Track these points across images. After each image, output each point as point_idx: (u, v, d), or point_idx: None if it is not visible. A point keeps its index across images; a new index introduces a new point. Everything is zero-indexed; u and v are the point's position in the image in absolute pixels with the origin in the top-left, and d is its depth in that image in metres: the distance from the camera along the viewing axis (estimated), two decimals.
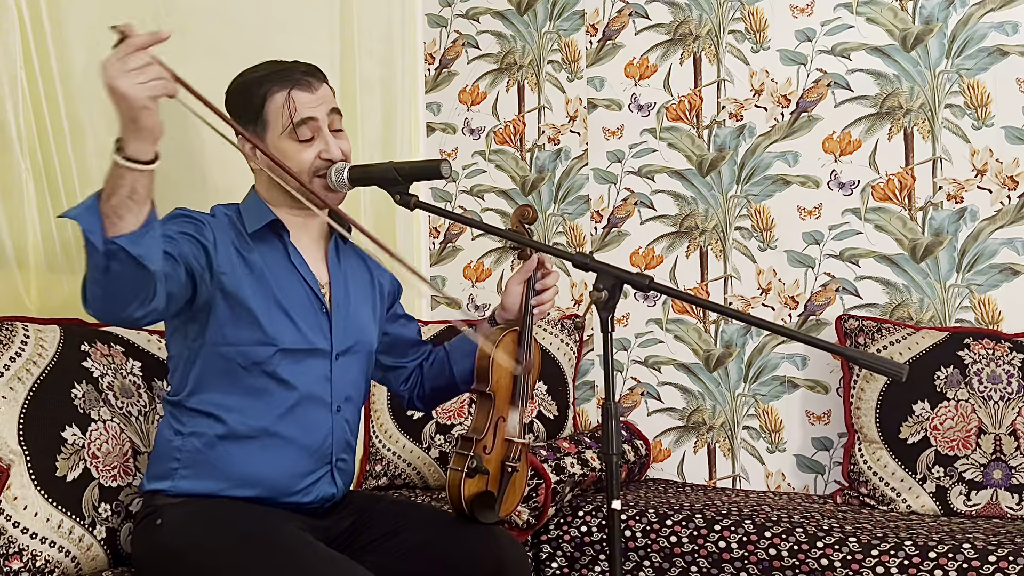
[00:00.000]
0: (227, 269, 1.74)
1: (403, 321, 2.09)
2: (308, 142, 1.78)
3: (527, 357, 1.92)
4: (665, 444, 3.00)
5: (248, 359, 1.74)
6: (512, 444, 1.90)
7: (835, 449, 2.77)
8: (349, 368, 1.87)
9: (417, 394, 2.08)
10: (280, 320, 1.76)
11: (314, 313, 1.82)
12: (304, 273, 1.83)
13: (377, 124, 3.11)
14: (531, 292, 1.93)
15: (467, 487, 1.82)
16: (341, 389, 1.85)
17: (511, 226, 1.98)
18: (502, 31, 3.27)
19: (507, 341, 1.92)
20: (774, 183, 2.86)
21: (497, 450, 1.88)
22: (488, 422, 1.88)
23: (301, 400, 1.79)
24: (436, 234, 3.38)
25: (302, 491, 1.79)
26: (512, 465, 1.89)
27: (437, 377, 2.03)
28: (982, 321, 2.62)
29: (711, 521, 2.35)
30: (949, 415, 2.45)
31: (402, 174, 1.70)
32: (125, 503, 1.96)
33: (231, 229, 1.80)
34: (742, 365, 2.89)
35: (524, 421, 1.95)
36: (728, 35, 2.93)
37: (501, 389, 1.91)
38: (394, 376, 2.08)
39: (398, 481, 2.84)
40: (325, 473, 1.83)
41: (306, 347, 1.79)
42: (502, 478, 1.89)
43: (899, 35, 2.72)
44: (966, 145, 2.64)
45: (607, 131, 3.10)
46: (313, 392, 1.80)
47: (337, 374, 1.84)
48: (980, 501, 2.40)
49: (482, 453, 1.85)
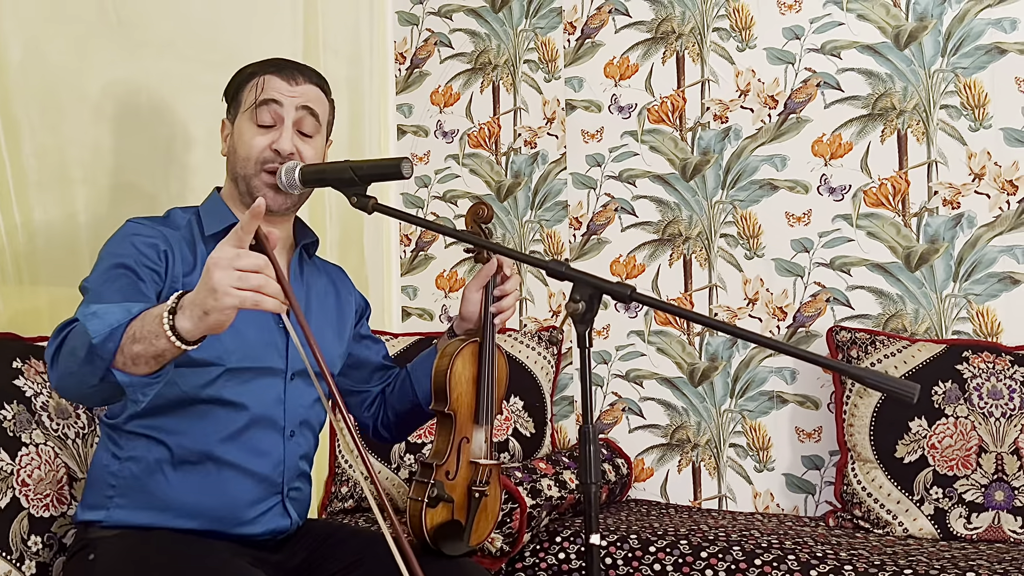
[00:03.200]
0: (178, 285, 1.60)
1: (368, 343, 1.94)
2: (265, 128, 1.67)
3: (490, 370, 1.77)
4: (648, 463, 2.86)
5: (190, 382, 1.60)
6: (478, 467, 1.75)
7: (826, 468, 2.64)
8: (303, 390, 1.72)
9: (382, 421, 1.93)
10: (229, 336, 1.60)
11: (269, 329, 1.68)
12: None
13: (343, 126, 2.96)
14: (490, 298, 1.79)
15: (429, 518, 1.67)
16: (296, 412, 1.70)
17: (465, 226, 1.83)
18: (476, 29, 3.14)
19: (466, 353, 1.77)
20: (761, 188, 2.74)
21: (462, 474, 1.74)
22: (450, 445, 1.73)
23: (251, 423, 1.64)
24: (407, 242, 3.24)
25: (249, 523, 1.64)
26: (480, 490, 1.74)
27: (400, 401, 1.89)
28: (980, 333, 2.50)
29: (697, 548, 2.20)
30: (948, 433, 2.32)
31: (359, 174, 1.56)
32: (58, 535, 1.80)
33: (187, 235, 1.67)
34: (728, 379, 2.76)
35: (492, 440, 1.80)
36: (712, 33, 2.81)
37: (462, 407, 1.76)
38: (356, 401, 1.94)
39: (365, 503, 2.68)
40: (276, 504, 1.68)
41: (256, 366, 1.65)
42: (470, 505, 1.74)
43: (892, 32, 2.61)
44: (963, 148, 2.53)
45: (586, 134, 2.97)
46: (265, 414, 1.65)
47: (292, 396, 1.69)
48: (981, 524, 2.27)
49: (444, 479, 1.71)
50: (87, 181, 2.13)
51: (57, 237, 2.07)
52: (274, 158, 1.66)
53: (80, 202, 2.11)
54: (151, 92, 2.20)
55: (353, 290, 1.93)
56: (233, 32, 2.49)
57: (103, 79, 2.15)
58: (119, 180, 2.12)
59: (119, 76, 1.97)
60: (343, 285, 1.90)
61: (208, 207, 1.73)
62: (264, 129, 1.67)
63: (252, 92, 1.68)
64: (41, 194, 2.05)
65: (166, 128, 2.26)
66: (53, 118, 2.07)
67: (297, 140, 1.68)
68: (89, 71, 2.14)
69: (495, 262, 1.79)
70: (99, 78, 2.15)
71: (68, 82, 2.11)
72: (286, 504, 1.69)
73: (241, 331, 1.62)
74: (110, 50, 2.11)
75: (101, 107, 2.13)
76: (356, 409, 1.94)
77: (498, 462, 1.80)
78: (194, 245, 1.66)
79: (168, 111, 2.27)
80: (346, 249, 2.93)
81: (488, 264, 1.80)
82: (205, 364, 1.59)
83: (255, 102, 1.66)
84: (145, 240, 1.60)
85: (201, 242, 1.67)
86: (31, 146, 2.06)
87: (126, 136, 2.17)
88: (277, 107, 1.67)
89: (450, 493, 1.70)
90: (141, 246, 1.58)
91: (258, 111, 1.66)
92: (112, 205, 2.10)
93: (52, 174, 2.08)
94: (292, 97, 1.68)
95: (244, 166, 1.67)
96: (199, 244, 1.66)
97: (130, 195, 2.00)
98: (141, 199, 2.16)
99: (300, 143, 1.68)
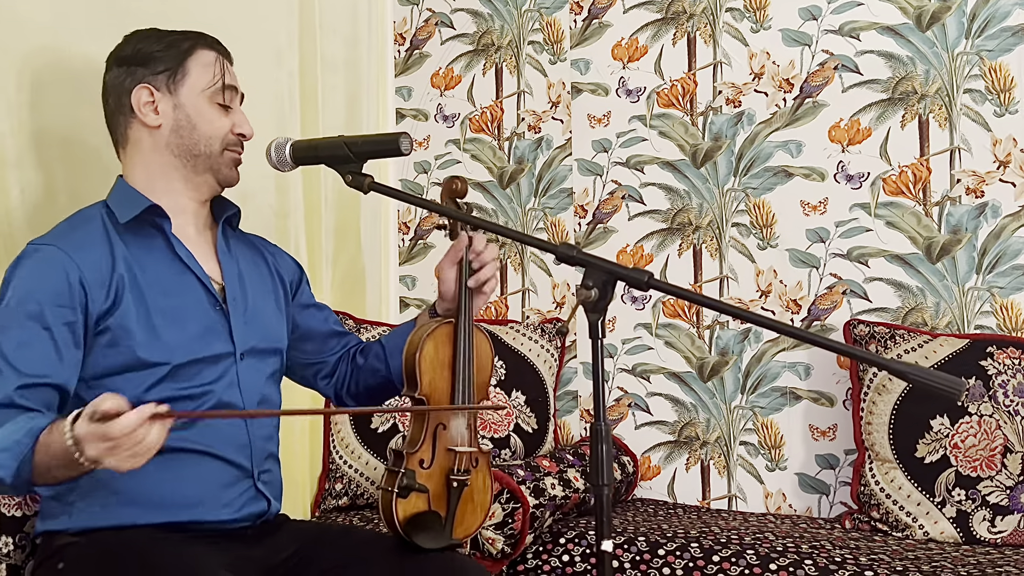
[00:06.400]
0: (104, 304, 1.52)
1: (313, 310, 1.88)
2: (225, 109, 1.68)
3: (467, 351, 1.67)
4: (654, 460, 2.76)
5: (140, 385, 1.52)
6: (457, 455, 1.65)
7: (841, 468, 2.53)
8: (258, 368, 1.67)
9: (348, 391, 1.86)
10: (170, 333, 1.56)
11: (208, 313, 1.62)
12: (193, 267, 1.63)
13: (340, 109, 2.85)
14: (467, 273, 1.69)
15: (401, 509, 1.60)
16: (252, 392, 1.65)
17: (440, 201, 1.73)
18: (479, 9, 3.04)
19: (439, 334, 1.68)
20: (775, 175, 2.63)
21: (439, 463, 1.65)
22: (424, 431, 1.64)
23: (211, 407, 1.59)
24: (406, 229, 3.13)
25: (225, 506, 1.57)
26: (459, 479, 1.65)
27: (371, 375, 1.82)
28: (1004, 327, 2.39)
29: (709, 551, 2.10)
30: (971, 432, 2.22)
31: (354, 150, 1.48)
32: (31, 535, 1.69)
33: (99, 234, 1.59)
34: (739, 374, 2.66)
35: (476, 426, 1.70)
36: (725, 13, 2.70)
37: (436, 392, 1.68)
38: (313, 373, 1.88)
39: (360, 501, 2.58)
40: (248, 487, 1.62)
41: (204, 355, 1.59)
42: (449, 495, 1.65)
43: (913, 13, 2.51)
44: (987, 134, 2.43)
45: (592, 118, 2.86)
46: (222, 400, 1.59)
47: (245, 377, 1.64)
48: (1006, 528, 2.17)
49: (417, 467, 1.62)
50: (65, 160, 2.01)
51: (38, 219, 1.96)
52: (238, 142, 1.68)
53: (59, 180, 2.00)
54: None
55: (283, 256, 1.87)
56: (225, 10, 2.38)
57: (83, 55, 2.03)
58: (98, 160, 2.00)
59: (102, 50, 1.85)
60: (271, 253, 1.84)
61: (116, 196, 1.66)
62: (225, 110, 1.67)
63: (209, 71, 1.66)
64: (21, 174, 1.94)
65: None
66: (32, 95, 1.95)
67: None
68: (70, 47, 2.02)
69: (464, 236, 1.71)
70: (80, 54, 2.03)
71: (47, 56, 1.99)
72: (259, 487, 1.63)
73: (181, 324, 1.57)
74: (97, 29, 1.99)
75: (83, 83, 2.01)
76: (315, 382, 1.89)
77: (479, 449, 1.70)
78: (109, 243, 1.59)
79: None
80: (342, 236, 2.83)
81: (458, 239, 1.71)
82: (152, 365, 1.53)
83: (219, 85, 1.66)
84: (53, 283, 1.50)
85: (116, 234, 1.60)
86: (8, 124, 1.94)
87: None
88: (233, 93, 1.70)
89: (425, 483, 1.62)
90: (49, 294, 1.50)
91: (225, 94, 1.67)
92: (92, 185, 1.99)
93: (31, 153, 1.96)
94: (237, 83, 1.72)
95: (209, 144, 1.65)
96: (114, 237, 1.60)
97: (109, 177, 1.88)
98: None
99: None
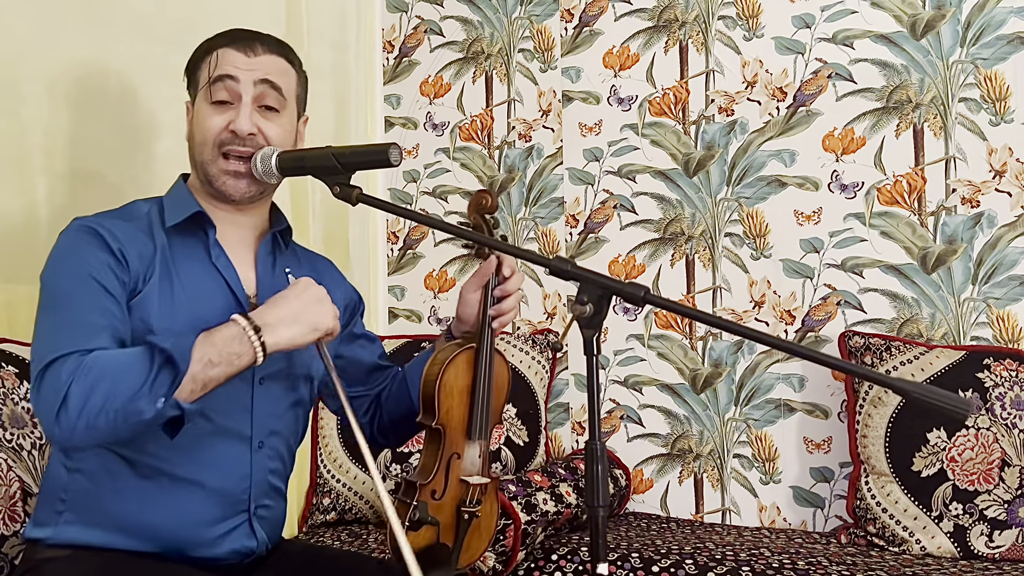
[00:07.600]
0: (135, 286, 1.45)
1: (362, 342, 1.77)
2: (220, 106, 1.51)
3: (486, 379, 1.61)
4: (647, 473, 2.72)
5: None
6: (469, 486, 1.59)
7: (836, 481, 2.50)
8: (276, 395, 1.55)
9: (379, 426, 1.76)
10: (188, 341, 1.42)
11: None
12: (226, 274, 1.52)
13: (328, 117, 2.81)
14: (490, 300, 1.63)
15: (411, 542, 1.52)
16: (265, 421, 1.53)
17: (468, 217, 1.68)
18: (468, 16, 2.99)
19: (459, 361, 1.62)
20: (768, 185, 2.60)
21: (451, 494, 1.59)
22: (438, 461, 1.58)
23: (213, 434, 1.47)
24: (395, 239, 3.08)
25: (208, 544, 1.47)
26: (470, 511, 1.59)
27: (396, 406, 1.73)
28: (1000, 339, 2.36)
29: (703, 568, 2.06)
30: (968, 445, 2.19)
31: (342, 161, 1.42)
32: (10, 556, 1.64)
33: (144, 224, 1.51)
34: (732, 386, 2.62)
35: (487, 455, 1.64)
36: (718, 21, 2.67)
37: (452, 421, 1.61)
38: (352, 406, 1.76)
39: (348, 516, 2.53)
40: (241, 523, 1.51)
41: None
42: (459, 527, 1.59)
43: (908, 21, 2.48)
44: (982, 143, 2.40)
45: (584, 127, 2.82)
46: (228, 424, 1.49)
47: (260, 402, 1.52)
48: (1004, 542, 2.14)
49: (430, 499, 1.56)
50: (48, 170, 1.96)
51: (15, 229, 1.91)
52: (232, 139, 1.51)
53: (40, 192, 1.95)
54: (120, 75, 2.03)
55: (342, 283, 1.76)
56: (211, 14, 2.33)
57: (66, 59, 1.99)
58: (82, 169, 1.96)
59: (85, 56, 1.80)
60: (329, 279, 1.70)
61: (172, 196, 1.57)
62: (220, 107, 1.51)
63: (206, 68, 1.53)
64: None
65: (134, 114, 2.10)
66: (10, 102, 1.90)
67: (259, 118, 1.52)
68: (52, 50, 1.98)
69: (494, 259, 1.64)
70: (62, 58, 1.98)
71: (28, 62, 1.95)
72: (253, 523, 1.52)
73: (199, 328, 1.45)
74: (84, 34, 1.95)
75: (64, 89, 1.96)
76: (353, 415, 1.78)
77: (492, 479, 1.64)
78: (152, 234, 1.50)
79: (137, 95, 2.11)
80: (330, 246, 2.78)
81: (487, 262, 1.65)
82: None
83: (209, 79, 1.51)
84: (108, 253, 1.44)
85: (161, 231, 1.51)
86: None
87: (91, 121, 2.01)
88: (233, 83, 1.51)
89: (435, 515, 1.55)
90: (99, 257, 1.43)
91: (212, 88, 1.51)
92: (74, 196, 1.94)
93: (10, 162, 1.91)
94: (249, 70, 1.52)
95: (201, 151, 1.52)
96: (157, 232, 1.51)
97: (94, 185, 1.83)
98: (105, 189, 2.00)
99: (262, 121, 1.52)
